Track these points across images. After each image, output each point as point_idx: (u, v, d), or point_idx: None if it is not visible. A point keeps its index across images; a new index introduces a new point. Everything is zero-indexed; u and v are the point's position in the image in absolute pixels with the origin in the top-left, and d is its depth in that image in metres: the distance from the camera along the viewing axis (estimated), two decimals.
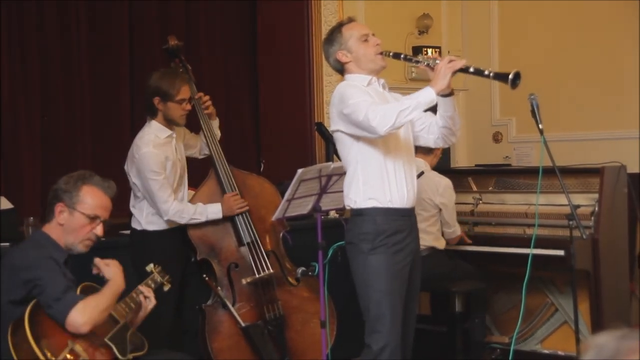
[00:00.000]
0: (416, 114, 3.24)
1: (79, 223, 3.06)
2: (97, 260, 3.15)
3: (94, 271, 3.15)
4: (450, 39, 6.36)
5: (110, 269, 3.11)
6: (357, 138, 3.38)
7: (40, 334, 2.82)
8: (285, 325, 4.20)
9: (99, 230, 3.10)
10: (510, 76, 3.12)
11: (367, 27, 3.59)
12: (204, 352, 4.07)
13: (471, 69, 3.21)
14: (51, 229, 3.08)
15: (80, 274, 3.13)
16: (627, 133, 5.44)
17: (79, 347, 2.86)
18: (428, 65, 3.28)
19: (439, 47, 6.19)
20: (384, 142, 3.39)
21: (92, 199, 3.08)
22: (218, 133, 4.38)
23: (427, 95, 3.21)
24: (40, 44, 4.98)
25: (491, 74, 3.18)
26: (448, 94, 3.34)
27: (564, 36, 5.86)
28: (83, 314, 2.86)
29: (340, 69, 3.56)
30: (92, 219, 3.08)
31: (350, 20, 3.59)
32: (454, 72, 3.22)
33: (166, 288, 3.37)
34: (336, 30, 3.54)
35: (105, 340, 2.97)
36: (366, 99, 3.31)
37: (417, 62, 3.38)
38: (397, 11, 5.99)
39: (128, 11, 5.35)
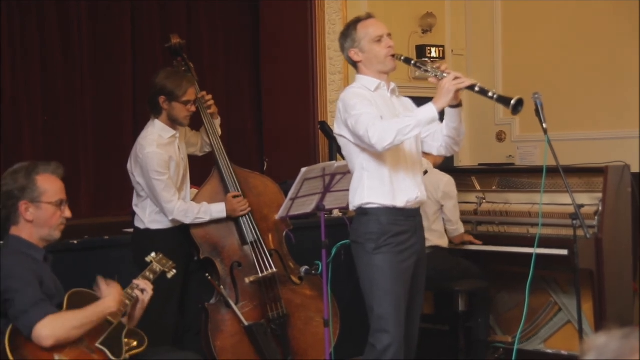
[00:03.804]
0: (417, 131, 3.22)
1: (48, 213, 3.00)
2: (100, 280, 3.06)
3: (95, 289, 3.06)
4: (453, 38, 6.35)
5: (108, 289, 3.01)
6: (362, 148, 3.36)
7: (23, 351, 2.75)
8: (288, 324, 4.19)
9: (67, 213, 3.06)
10: (513, 102, 3.10)
11: (384, 26, 3.47)
12: (207, 350, 4.06)
13: (476, 88, 3.18)
14: (20, 230, 3.00)
15: (71, 276, 3.10)
16: (631, 133, 5.43)
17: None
18: (436, 76, 3.25)
19: (443, 46, 6.18)
20: (390, 149, 3.36)
21: (50, 186, 3.01)
22: (219, 131, 4.38)
23: (428, 112, 3.19)
24: (41, 44, 4.98)
25: (495, 96, 3.15)
26: (456, 105, 3.32)
27: (566, 35, 5.86)
28: (47, 328, 2.77)
29: (354, 65, 3.52)
30: (58, 204, 3.03)
31: (369, 16, 3.51)
32: (459, 90, 3.20)
33: (170, 275, 3.29)
34: (352, 26, 3.48)
35: (97, 345, 2.90)
36: (369, 111, 3.27)
37: (426, 71, 3.32)
38: (401, 10, 5.98)
39: (129, 10, 5.36)
